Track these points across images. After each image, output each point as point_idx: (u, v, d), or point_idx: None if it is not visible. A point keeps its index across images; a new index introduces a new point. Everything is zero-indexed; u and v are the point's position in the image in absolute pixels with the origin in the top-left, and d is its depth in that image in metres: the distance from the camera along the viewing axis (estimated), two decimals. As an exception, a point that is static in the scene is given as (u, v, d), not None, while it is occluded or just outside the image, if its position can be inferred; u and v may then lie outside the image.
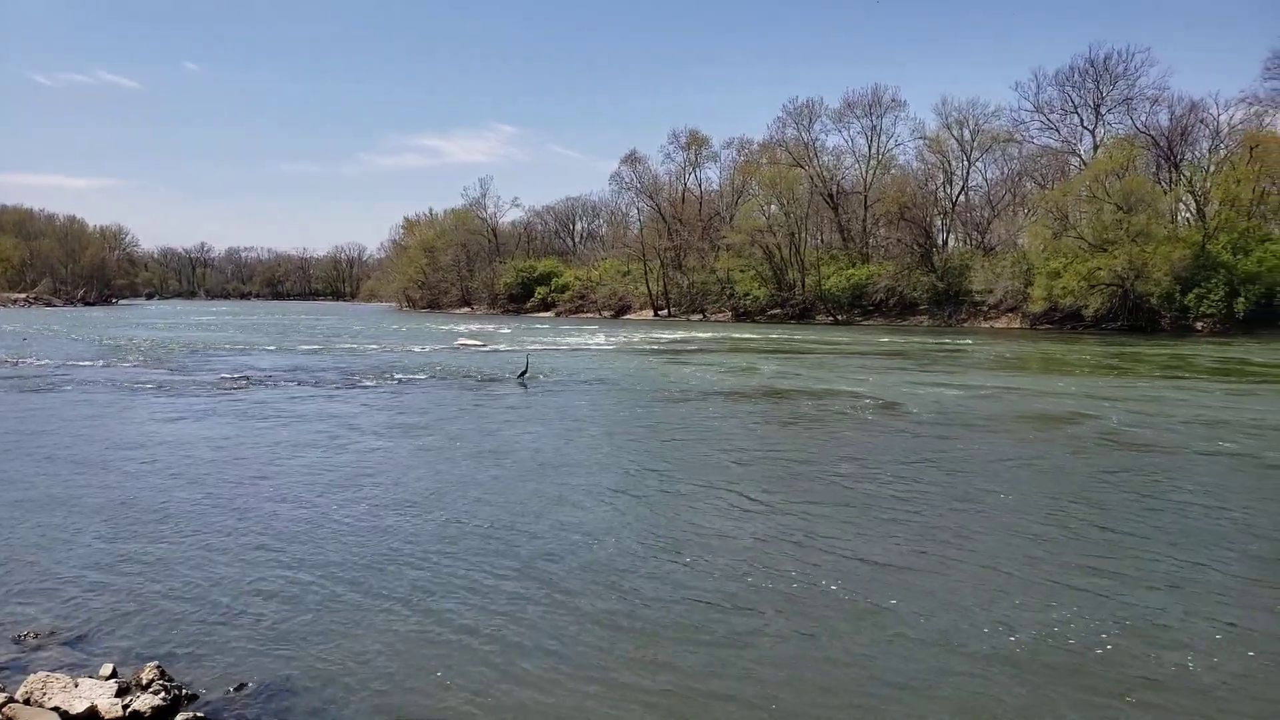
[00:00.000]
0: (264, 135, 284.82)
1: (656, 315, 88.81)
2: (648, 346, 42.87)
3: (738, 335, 54.49)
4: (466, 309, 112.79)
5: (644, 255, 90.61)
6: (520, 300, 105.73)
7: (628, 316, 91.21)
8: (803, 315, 76.49)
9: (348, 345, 41.32)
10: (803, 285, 77.83)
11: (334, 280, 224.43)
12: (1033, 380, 26.35)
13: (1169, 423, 17.19)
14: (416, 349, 38.84)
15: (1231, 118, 63.48)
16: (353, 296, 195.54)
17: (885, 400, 20.69)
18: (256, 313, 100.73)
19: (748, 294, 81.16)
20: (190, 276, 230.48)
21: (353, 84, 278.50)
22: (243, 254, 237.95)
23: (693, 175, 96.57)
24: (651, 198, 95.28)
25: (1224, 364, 32.22)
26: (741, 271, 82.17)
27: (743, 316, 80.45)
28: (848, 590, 7.60)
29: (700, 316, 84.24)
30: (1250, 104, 63.14)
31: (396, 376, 25.98)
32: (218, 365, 29.24)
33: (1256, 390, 23.85)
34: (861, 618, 7.00)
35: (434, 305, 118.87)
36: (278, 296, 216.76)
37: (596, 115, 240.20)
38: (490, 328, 62.68)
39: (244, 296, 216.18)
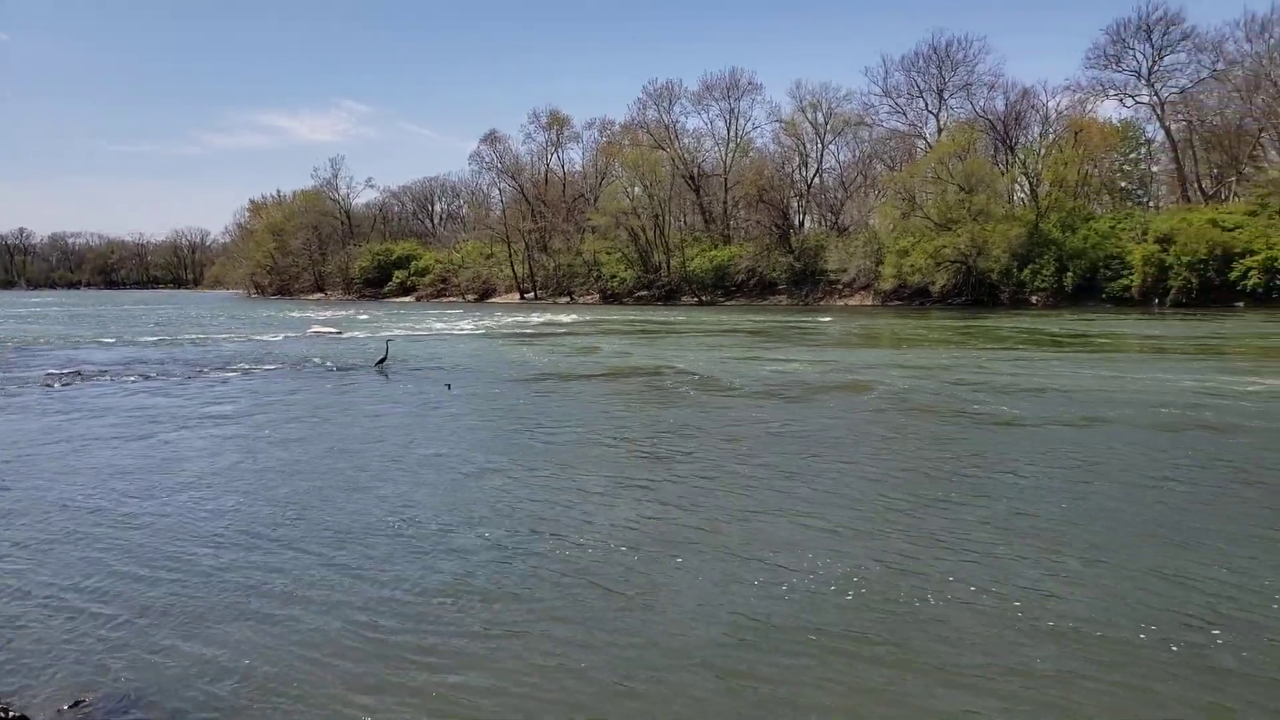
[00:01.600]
0: (88, 112, 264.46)
1: (523, 298, 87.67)
2: (511, 331, 42.13)
3: (603, 318, 54.35)
4: (320, 295, 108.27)
5: (508, 237, 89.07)
6: (378, 285, 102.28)
7: (493, 300, 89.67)
8: (669, 297, 77.11)
9: (191, 335, 38.59)
10: (668, 267, 78.40)
11: (174, 267, 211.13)
12: (854, 354, 27.27)
13: (944, 386, 18.79)
14: (266, 338, 36.76)
15: (1058, 104, 68.02)
16: (196, 284, 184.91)
17: (710, 375, 21.39)
18: (87, 303, 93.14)
19: (614, 276, 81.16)
20: (8, 265, 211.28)
21: (185, 57, 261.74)
22: (70, 240, 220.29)
23: (555, 156, 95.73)
24: (513, 178, 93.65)
25: (1025, 334, 34.35)
26: (608, 254, 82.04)
27: (610, 299, 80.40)
28: (610, 566, 7.58)
29: (568, 299, 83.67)
30: (1074, 91, 67.86)
31: (243, 367, 24.36)
32: (43, 360, 26.62)
33: (1032, 356, 25.50)
34: (619, 595, 6.94)
35: (285, 291, 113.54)
36: (112, 285, 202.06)
37: (452, 94, 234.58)
38: (346, 314, 60.58)
39: (73, 286, 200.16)
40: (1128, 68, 66.69)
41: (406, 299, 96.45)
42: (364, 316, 57.31)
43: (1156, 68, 65.64)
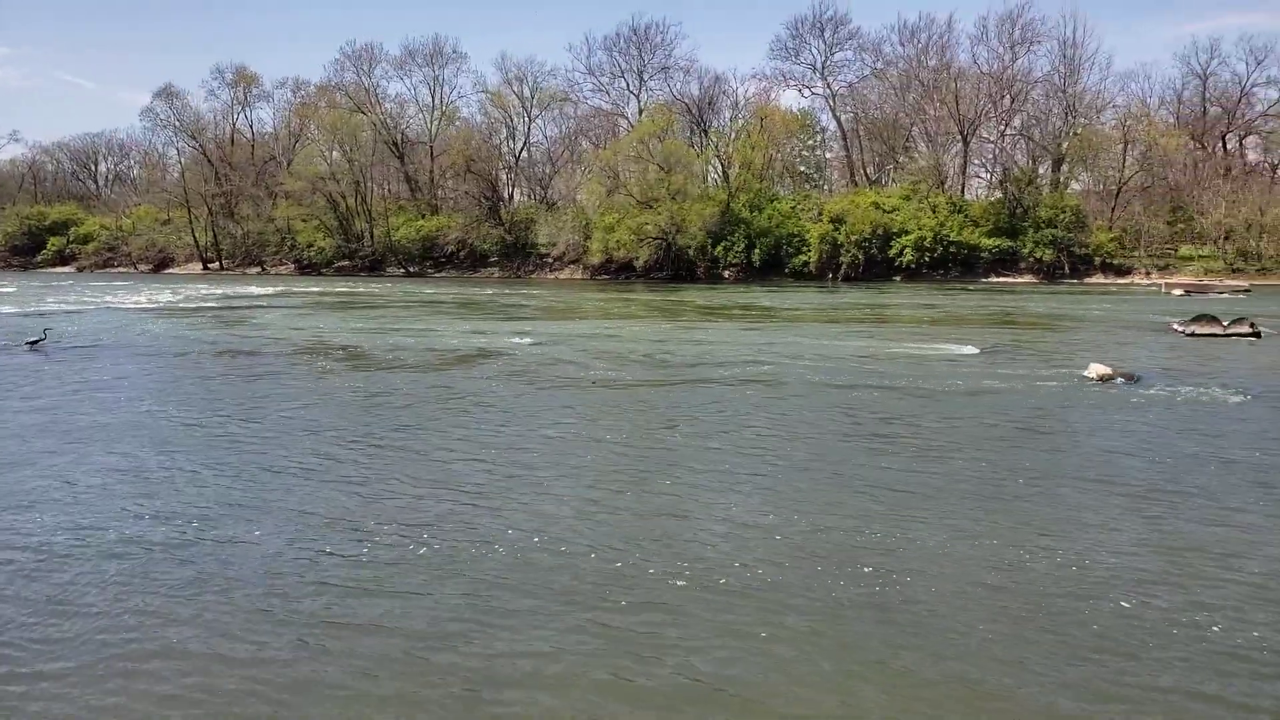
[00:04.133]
0: None
1: (206, 269, 79.81)
2: (184, 305, 37.84)
3: (294, 290, 50.67)
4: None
5: (188, 201, 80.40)
6: (28, 253, 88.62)
7: (171, 271, 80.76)
8: (373, 268, 73.51)
9: None
10: (371, 236, 74.65)
11: None
12: (516, 325, 27.54)
13: (572, 354, 19.80)
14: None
15: (747, 91, 72.73)
16: None
17: (359, 349, 21.16)
18: None
19: (311, 245, 76.00)
20: None
21: None
22: None
23: (242, 115, 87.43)
24: (194, 138, 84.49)
25: (671, 305, 36.79)
26: (304, 221, 76.56)
27: (307, 269, 75.23)
28: (157, 557, 7.13)
29: (259, 269, 77.23)
30: (760, 80, 73.00)
31: None
32: None
33: (659, 326, 27.28)
34: (153, 592, 6.49)
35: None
36: None
37: (115, 38, 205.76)
38: (-11, 287, 52.12)
39: None
40: (805, 61, 72.81)
41: (66, 269, 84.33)
42: (12, 289, 50.32)
43: (829, 63, 72.29)
